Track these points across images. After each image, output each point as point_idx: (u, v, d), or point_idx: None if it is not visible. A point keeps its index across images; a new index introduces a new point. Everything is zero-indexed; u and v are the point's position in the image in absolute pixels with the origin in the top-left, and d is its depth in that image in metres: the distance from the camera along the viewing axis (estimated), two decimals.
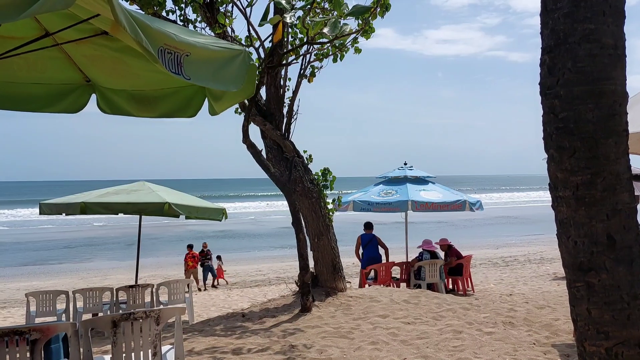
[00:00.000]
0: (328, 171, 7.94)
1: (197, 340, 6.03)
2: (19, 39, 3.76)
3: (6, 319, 11.76)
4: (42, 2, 2.20)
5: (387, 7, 6.10)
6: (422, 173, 11.87)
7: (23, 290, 15.33)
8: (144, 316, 3.62)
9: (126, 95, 4.61)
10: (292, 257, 21.26)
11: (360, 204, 10.90)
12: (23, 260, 24.31)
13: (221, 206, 9.98)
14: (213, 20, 7.28)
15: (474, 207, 11.12)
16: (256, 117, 7.63)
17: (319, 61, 7.58)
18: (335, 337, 5.83)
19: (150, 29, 2.77)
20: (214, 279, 16.42)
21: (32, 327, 3.34)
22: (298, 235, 7.22)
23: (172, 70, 2.85)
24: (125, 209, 8.86)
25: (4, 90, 4.44)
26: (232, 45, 3.76)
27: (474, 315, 6.88)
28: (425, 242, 11.15)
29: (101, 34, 3.80)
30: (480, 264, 17.42)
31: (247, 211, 53.46)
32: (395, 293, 7.99)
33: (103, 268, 21.50)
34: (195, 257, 15.95)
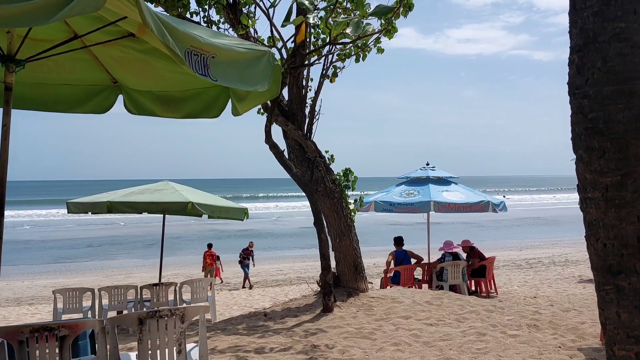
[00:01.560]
0: (350, 171, 7.93)
1: (220, 338, 6.08)
2: (48, 41, 3.85)
3: (34, 315, 12.02)
4: (73, 5, 2.25)
5: (410, 6, 6.06)
6: (445, 173, 11.77)
7: (50, 287, 15.68)
8: (169, 314, 3.66)
9: (152, 96, 4.68)
10: (313, 257, 21.31)
11: (382, 204, 10.85)
12: (49, 258, 24.83)
13: (243, 206, 10.05)
14: (236, 21, 7.33)
15: (498, 208, 10.99)
16: (278, 117, 7.66)
17: (341, 61, 7.58)
18: (357, 338, 5.82)
19: (177, 31, 2.81)
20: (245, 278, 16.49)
21: (62, 324, 3.41)
22: (320, 235, 7.23)
23: (199, 72, 2.88)
24: (150, 208, 8.98)
25: (34, 92, 4.54)
26: (257, 46, 3.78)
27: (497, 317, 6.80)
28: (446, 243, 11.04)
29: (128, 36, 3.87)
30: (504, 265, 17.20)
31: (268, 211, 53.70)
32: (418, 294, 7.94)
33: (127, 266, 21.83)
34: (213, 256, 16.54)
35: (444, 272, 10.48)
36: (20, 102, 4.32)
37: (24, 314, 12.07)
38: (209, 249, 16.64)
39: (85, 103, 4.72)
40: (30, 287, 16.59)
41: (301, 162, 7.93)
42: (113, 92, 4.73)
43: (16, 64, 3.51)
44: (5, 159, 3.52)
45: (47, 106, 4.74)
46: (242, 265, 16.60)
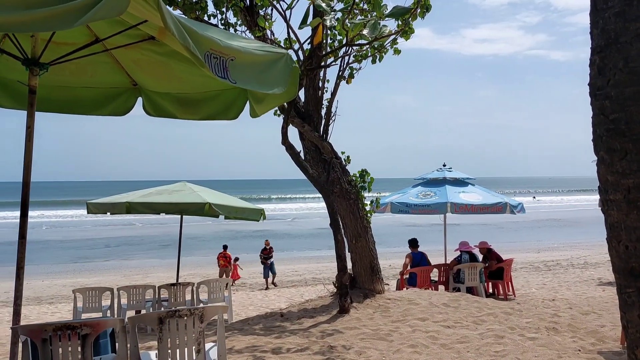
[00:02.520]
0: (366, 172, 7.92)
1: (237, 338, 6.12)
2: (70, 44, 3.92)
3: (54, 314, 12.21)
4: (96, 10, 2.29)
5: (427, 7, 6.05)
6: (462, 175, 11.70)
7: (69, 287, 15.90)
8: (189, 314, 3.70)
9: (171, 98, 4.73)
10: (328, 258, 21.31)
11: (398, 205, 10.82)
12: (68, 258, 25.17)
13: (260, 207, 10.10)
14: (253, 23, 7.38)
15: (515, 209, 10.89)
16: (295, 119, 7.69)
17: (358, 62, 7.58)
18: (374, 339, 5.81)
19: (197, 34, 2.84)
20: (273, 277, 16.49)
21: (84, 323, 3.47)
22: (336, 236, 7.24)
23: (219, 74, 2.92)
24: (168, 209, 9.07)
25: (56, 94, 4.62)
26: (275, 48, 3.81)
27: (516, 320, 6.74)
28: (461, 243, 10.95)
29: (148, 39, 3.92)
30: (521, 268, 17.03)
31: (284, 212, 53.84)
32: (435, 296, 7.91)
33: (144, 266, 22.05)
34: (227, 257, 16.74)
35: (461, 274, 10.42)
36: (43, 104, 4.41)
37: (44, 313, 12.26)
38: (224, 250, 16.86)
39: (105, 105, 4.79)
40: (50, 287, 16.84)
41: (317, 163, 7.95)
42: (133, 94, 4.79)
43: (40, 67, 3.59)
44: (29, 160, 3.60)
45: (68, 108, 4.82)
46: (266, 267, 16.50)
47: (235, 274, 17.05)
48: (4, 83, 4.46)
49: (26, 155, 3.58)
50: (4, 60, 4.14)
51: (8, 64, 4.15)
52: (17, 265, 3.58)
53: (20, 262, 3.57)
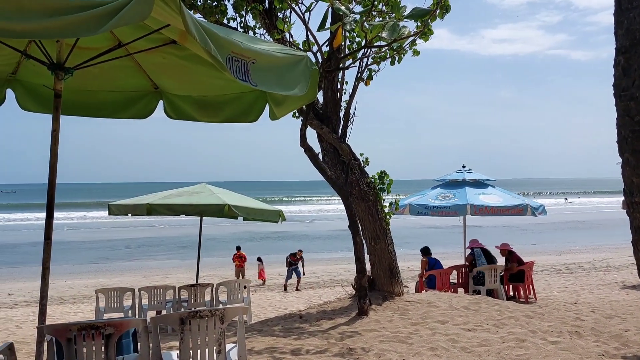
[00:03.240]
0: (385, 174, 7.90)
1: (257, 339, 6.16)
2: (94, 49, 3.99)
3: (76, 313, 12.40)
4: (120, 16, 2.34)
5: (447, 8, 6.01)
6: (482, 176, 11.59)
7: (91, 287, 16.15)
8: (210, 314, 3.74)
9: (191, 101, 4.79)
10: (346, 260, 21.29)
11: (417, 207, 10.77)
12: (90, 258, 25.57)
13: (278, 208, 10.14)
14: (272, 26, 7.42)
15: (537, 211, 10.75)
16: (313, 120, 7.70)
17: (377, 64, 7.57)
18: (394, 342, 5.79)
19: (218, 38, 2.87)
20: (298, 281, 16.38)
21: (107, 322, 3.53)
22: (355, 238, 7.23)
23: (240, 77, 2.94)
24: (187, 210, 9.17)
25: (80, 98, 4.71)
26: (295, 51, 3.83)
27: (537, 323, 6.66)
28: (472, 241, 10.97)
29: (170, 43, 3.97)
30: (542, 270, 16.80)
31: (303, 214, 53.94)
32: (454, 299, 7.84)
33: (164, 267, 22.29)
34: (242, 257, 16.93)
35: (481, 275, 10.33)
36: (68, 108, 4.48)
37: (67, 312, 12.47)
38: (238, 251, 17.09)
39: (127, 108, 4.87)
40: (72, 287, 17.11)
41: (336, 165, 7.96)
42: (154, 97, 4.86)
43: (65, 71, 3.66)
44: (54, 163, 3.67)
45: (91, 112, 4.91)
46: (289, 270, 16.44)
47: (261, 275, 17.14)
48: (30, 87, 4.56)
49: (52, 158, 3.66)
50: (30, 65, 4.23)
51: (34, 68, 4.24)
52: (42, 265, 3.65)
53: (46, 262, 3.64)
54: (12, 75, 4.45)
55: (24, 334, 9.49)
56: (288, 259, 16.71)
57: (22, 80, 4.54)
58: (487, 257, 10.73)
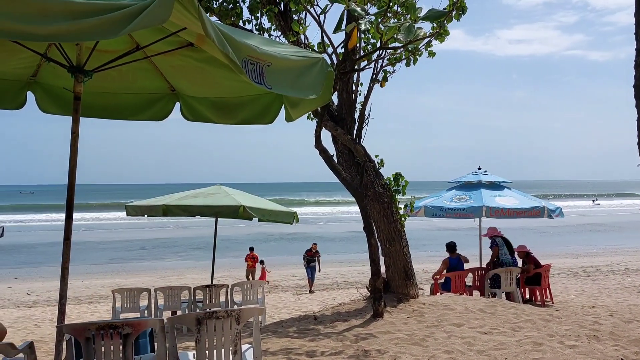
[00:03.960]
0: (400, 176, 7.87)
1: (272, 340, 6.17)
2: (113, 52, 4.04)
3: (93, 313, 12.54)
4: (140, 19, 2.37)
5: (463, 9, 5.98)
6: (498, 178, 11.51)
7: (107, 287, 16.33)
8: (226, 315, 3.76)
9: (208, 103, 4.82)
10: (360, 262, 21.23)
11: (432, 209, 10.72)
12: (106, 258, 25.85)
13: (292, 210, 10.16)
14: (287, 28, 7.45)
15: (554, 214, 10.64)
16: (328, 122, 7.70)
17: (392, 65, 7.55)
18: (409, 344, 5.77)
19: (235, 41, 2.90)
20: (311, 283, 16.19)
21: (125, 322, 3.57)
22: (370, 240, 7.21)
23: (255, 80, 2.96)
24: (203, 211, 9.23)
25: (99, 100, 4.77)
26: (310, 53, 3.84)
27: (554, 327, 6.58)
28: (491, 229, 10.72)
29: (187, 46, 4.01)
30: (559, 273, 16.61)
31: (317, 216, 53.98)
32: (470, 301, 7.79)
33: (179, 267, 22.45)
34: (254, 258, 17.17)
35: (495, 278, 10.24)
36: (87, 110, 4.54)
37: (84, 312, 12.61)
38: (251, 252, 17.33)
39: (145, 110, 4.92)
40: (89, 287, 17.31)
41: (350, 166, 7.95)
42: (171, 99, 4.91)
43: (84, 74, 3.71)
44: (74, 164, 3.72)
45: (109, 114, 4.97)
46: (308, 268, 16.31)
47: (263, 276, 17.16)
48: (50, 90, 4.64)
49: (71, 159, 3.71)
50: (50, 68, 4.31)
51: (54, 71, 4.31)
52: (62, 265, 3.71)
53: (65, 262, 3.69)
54: (32, 78, 4.52)
55: (42, 333, 9.63)
56: (305, 257, 16.59)
57: (42, 82, 4.61)
58: (508, 247, 10.58)
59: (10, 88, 4.46)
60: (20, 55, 4.00)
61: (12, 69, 4.30)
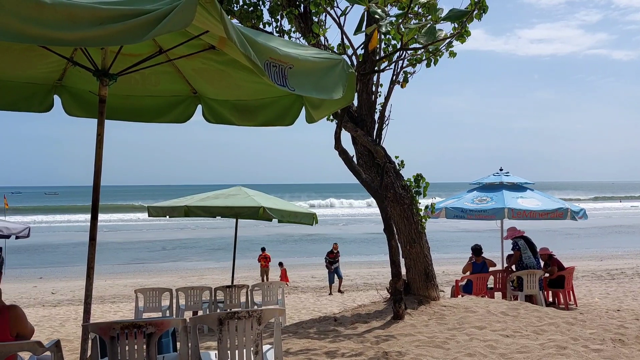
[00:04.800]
0: (421, 177, 7.83)
1: (292, 341, 6.19)
2: (136, 55, 4.10)
3: (116, 312, 12.74)
4: (164, 24, 2.41)
5: (484, 9, 5.93)
6: (520, 179, 11.36)
7: (130, 287, 16.56)
8: (247, 316, 3.79)
9: (229, 106, 4.87)
10: (380, 264, 21.18)
11: (452, 211, 10.63)
12: (128, 259, 26.22)
13: (312, 211, 10.19)
14: (307, 30, 7.47)
15: (577, 215, 10.47)
16: (348, 123, 7.70)
17: (412, 66, 7.51)
18: (430, 347, 5.73)
19: (256, 44, 2.92)
20: (340, 282, 16.04)
21: (149, 322, 3.62)
22: (390, 242, 7.19)
23: (278, 82, 2.98)
24: (224, 212, 9.31)
25: (122, 103, 4.85)
26: (331, 54, 3.86)
27: (579, 330, 6.48)
28: (511, 230, 10.44)
29: (209, 49, 4.06)
30: (583, 276, 16.33)
31: (337, 217, 53.95)
32: (492, 304, 7.71)
33: (199, 268, 22.66)
34: (267, 258, 17.39)
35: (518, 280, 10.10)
36: (111, 113, 4.62)
37: (107, 311, 12.82)
38: (263, 252, 17.53)
39: (167, 113, 4.99)
40: (112, 286, 17.57)
41: (370, 167, 7.93)
42: (193, 102, 4.97)
43: (109, 77, 3.78)
44: (99, 166, 3.79)
45: (133, 116, 5.05)
46: (330, 272, 16.02)
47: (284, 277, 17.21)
48: (76, 93, 4.73)
49: (97, 161, 3.78)
50: (76, 72, 4.39)
51: (80, 75, 4.40)
52: (87, 265, 3.77)
53: (91, 262, 3.76)
54: (58, 81, 4.62)
55: (67, 332, 9.81)
56: (327, 259, 16.34)
57: (68, 86, 4.71)
58: (532, 249, 10.36)
59: (38, 91, 4.56)
60: (48, 59, 4.10)
61: (39, 73, 4.40)
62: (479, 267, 10.32)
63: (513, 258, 10.28)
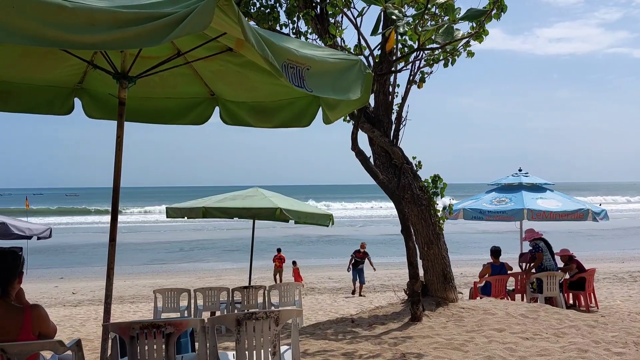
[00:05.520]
0: (439, 178, 7.78)
1: (309, 342, 6.19)
2: (155, 58, 4.15)
3: (135, 312, 12.87)
4: (182, 27, 2.43)
5: (503, 8, 5.87)
6: (539, 180, 11.23)
7: (148, 287, 16.73)
8: (265, 316, 3.80)
9: (246, 107, 4.90)
10: (396, 265, 21.07)
11: (471, 212, 10.54)
12: (146, 259, 26.48)
13: (329, 212, 10.18)
14: (324, 31, 7.47)
15: (598, 216, 10.30)
16: (364, 124, 7.69)
17: (429, 66, 7.47)
18: (448, 349, 5.69)
19: (274, 45, 2.93)
20: (361, 286, 15.56)
21: (168, 322, 3.65)
22: (407, 243, 7.15)
23: (295, 83, 2.99)
24: (241, 213, 9.36)
25: (142, 105, 4.90)
26: (348, 55, 3.85)
27: (600, 333, 6.37)
28: (529, 231, 10.26)
29: (226, 51, 4.08)
30: (604, 278, 16.05)
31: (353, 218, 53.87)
32: (511, 306, 7.62)
33: (217, 269, 22.80)
34: (282, 259, 17.46)
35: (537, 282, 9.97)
36: (130, 115, 4.67)
37: (127, 311, 12.95)
38: (279, 253, 17.61)
39: (186, 115, 5.03)
40: (131, 287, 17.75)
41: (387, 168, 7.90)
42: (211, 104, 5.00)
43: (129, 80, 3.82)
44: (118, 168, 3.84)
45: (152, 118, 5.11)
46: (354, 270, 15.59)
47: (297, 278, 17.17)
48: (96, 96, 4.79)
49: (116, 163, 3.83)
50: (96, 74, 4.45)
51: (100, 78, 4.46)
52: (107, 265, 3.83)
53: (111, 262, 3.81)
54: (79, 84, 4.68)
55: (87, 331, 9.94)
56: (352, 258, 15.82)
57: (88, 89, 4.77)
58: (549, 249, 10.22)
59: (59, 94, 4.63)
60: (68, 63, 4.16)
61: (60, 76, 4.47)
62: (497, 269, 10.20)
63: (537, 260, 10.15)
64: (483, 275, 10.19)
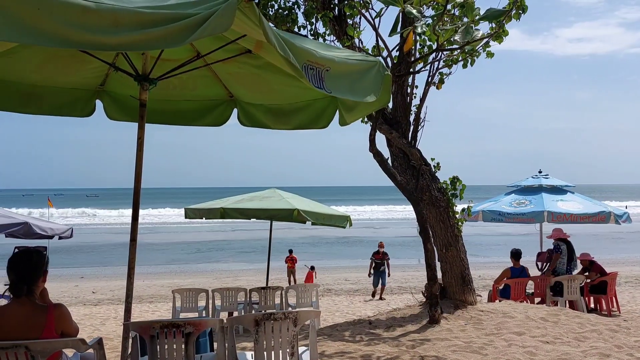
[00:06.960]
0: (457, 179, 7.71)
1: (327, 344, 6.19)
2: (175, 60, 4.19)
3: (154, 312, 13.00)
4: (203, 28, 2.45)
5: (523, 8, 5.80)
6: (560, 182, 11.07)
7: (166, 287, 16.87)
8: (283, 317, 3.81)
9: (264, 109, 4.92)
10: (414, 267, 20.96)
11: (490, 214, 10.44)
12: (165, 260, 26.73)
13: (346, 214, 10.17)
14: (342, 32, 7.47)
15: (621, 219, 10.13)
16: (382, 125, 7.66)
17: (448, 67, 7.42)
18: (467, 352, 5.64)
19: (294, 47, 2.94)
20: (382, 288, 15.14)
21: (187, 322, 3.68)
22: (426, 245, 7.11)
23: (315, 84, 3.00)
24: (258, 214, 9.40)
25: (161, 107, 4.96)
26: (367, 57, 3.86)
27: (622, 338, 6.26)
28: (556, 230, 10.11)
29: (245, 53, 4.11)
30: (626, 282, 15.77)
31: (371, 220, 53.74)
32: (531, 309, 7.52)
33: (234, 269, 22.92)
34: (294, 260, 17.65)
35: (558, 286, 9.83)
36: (151, 116, 4.72)
37: (145, 311, 13.09)
38: (291, 254, 17.73)
39: (205, 116, 5.08)
40: (149, 287, 17.94)
41: (405, 170, 7.86)
42: (229, 106, 5.04)
43: (150, 82, 3.87)
44: (139, 169, 3.88)
45: (171, 120, 5.17)
46: (376, 274, 15.15)
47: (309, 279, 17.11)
48: (117, 98, 4.86)
49: (137, 164, 3.87)
50: (117, 77, 4.52)
51: (121, 80, 4.52)
52: (128, 265, 3.87)
53: (131, 262, 3.86)
54: (100, 87, 4.76)
55: (107, 330, 10.07)
56: (372, 261, 15.36)
57: (109, 91, 4.84)
58: (569, 254, 10.01)
59: (81, 97, 4.71)
60: (91, 65, 4.22)
61: (82, 78, 4.54)
62: (517, 271, 10.08)
63: (553, 261, 10.01)
64: (502, 278, 10.08)
